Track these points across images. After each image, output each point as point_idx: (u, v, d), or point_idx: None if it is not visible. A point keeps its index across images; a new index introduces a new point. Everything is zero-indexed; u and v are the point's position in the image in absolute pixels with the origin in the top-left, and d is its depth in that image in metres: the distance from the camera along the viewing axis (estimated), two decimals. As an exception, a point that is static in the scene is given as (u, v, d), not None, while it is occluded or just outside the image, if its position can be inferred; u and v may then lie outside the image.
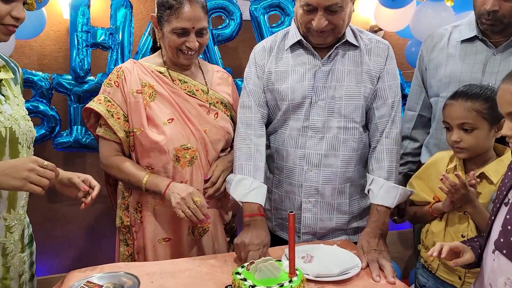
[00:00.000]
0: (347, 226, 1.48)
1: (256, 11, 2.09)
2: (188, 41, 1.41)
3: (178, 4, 1.38)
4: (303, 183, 1.43)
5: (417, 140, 1.73)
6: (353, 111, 1.40)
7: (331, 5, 1.28)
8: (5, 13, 1.04)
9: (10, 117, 1.10)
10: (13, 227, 1.13)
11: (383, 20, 2.32)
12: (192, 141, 1.46)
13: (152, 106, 1.45)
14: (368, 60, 1.41)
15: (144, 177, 1.43)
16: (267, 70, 1.45)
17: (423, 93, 1.69)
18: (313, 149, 1.40)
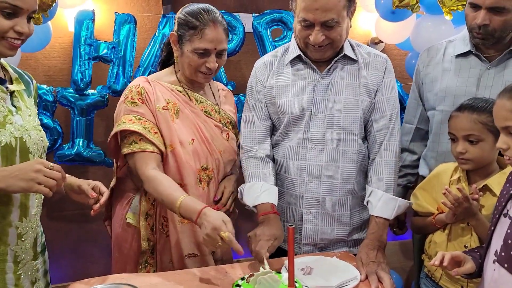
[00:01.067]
0: (348, 238, 1.49)
1: (259, 25, 2.13)
2: (208, 62, 1.41)
3: (202, 26, 1.38)
4: (304, 194, 1.45)
5: (415, 153, 1.75)
6: (352, 123, 1.42)
7: (328, 20, 1.31)
8: (8, 28, 1.05)
9: (20, 127, 1.12)
10: (24, 235, 1.14)
11: (384, 33, 2.35)
12: (209, 162, 1.47)
13: (177, 123, 1.43)
14: (365, 73, 1.44)
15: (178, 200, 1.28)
16: (268, 84, 1.48)
17: (420, 106, 1.71)
18: (313, 161, 1.43)
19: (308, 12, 1.31)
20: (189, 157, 1.43)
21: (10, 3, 1.03)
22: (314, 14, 1.30)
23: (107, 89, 1.96)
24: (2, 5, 1.03)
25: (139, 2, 2.28)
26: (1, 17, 1.04)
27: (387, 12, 2.10)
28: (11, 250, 1.11)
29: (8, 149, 1.06)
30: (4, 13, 1.04)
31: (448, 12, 1.97)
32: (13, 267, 1.12)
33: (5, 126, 1.07)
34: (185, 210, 1.28)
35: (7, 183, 1.00)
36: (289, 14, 2.17)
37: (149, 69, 1.96)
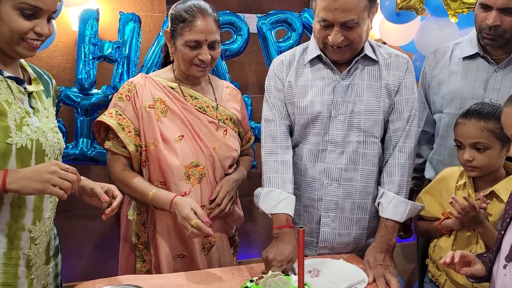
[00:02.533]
0: (365, 242, 1.47)
1: (264, 26, 2.12)
2: (201, 54, 1.41)
3: (191, 17, 1.39)
4: (323, 197, 1.43)
5: (421, 156, 1.74)
6: (373, 126, 1.40)
7: (347, 21, 1.29)
8: (28, 29, 1.04)
9: (37, 129, 1.10)
10: (38, 238, 1.12)
11: (388, 34, 2.35)
12: (201, 159, 1.46)
13: (163, 121, 1.44)
14: (386, 74, 1.42)
15: (149, 193, 1.39)
16: (287, 83, 1.46)
17: (427, 109, 1.70)
18: (333, 164, 1.41)
19: (327, 12, 1.30)
20: (173, 154, 1.42)
21: (31, 4, 1.02)
22: (333, 14, 1.29)
23: (111, 89, 1.95)
24: (22, 6, 1.02)
25: (143, 2, 2.27)
26: (21, 18, 1.03)
27: (392, 14, 2.10)
28: (24, 254, 1.10)
29: (23, 151, 1.05)
30: (25, 14, 1.03)
31: (453, 14, 1.97)
32: (25, 271, 1.11)
33: (21, 128, 1.06)
34: (157, 202, 1.38)
35: (21, 184, 0.99)
36: (294, 15, 2.16)
37: (153, 69, 1.94)
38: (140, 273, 1.50)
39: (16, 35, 1.04)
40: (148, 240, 1.50)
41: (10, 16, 1.02)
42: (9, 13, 1.01)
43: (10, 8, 1.01)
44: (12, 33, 1.03)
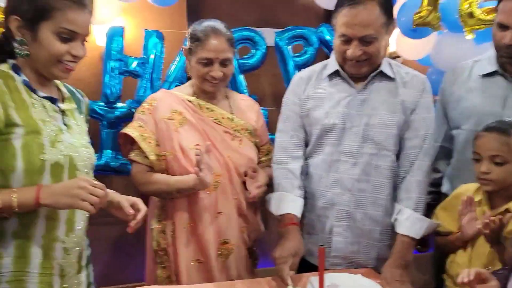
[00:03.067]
0: (377, 254, 1.49)
1: (281, 41, 2.17)
2: (212, 71, 1.50)
3: (204, 37, 1.48)
4: (335, 207, 1.46)
5: (439, 171, 1.75)
6: (386, 139, 1.44)
7: (366, 35, 1.35)
8: (65, 52, 1.09)
9: (70, 145, 1.15)
10: (70, 249, 1.17)
11: (404, 48, 2.37)
12: (215, 166, 1.52)
13: (180, 132, 1.52)
14: (403, 92, 1.45)
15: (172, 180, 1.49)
16: (304, 97, 1.52)
17: (445, 125, 1.72)
18: (346, 174, 1.44)
19: (347, 28, 1.35)
20: (189, 163, 1.49)
21: (68, 28, 1.08)
22: (352, 29, 1.35)
23: (135, 103, 2.02)
24: (60, 31, 1.08)
25: (164, 19, 2.35)
26: (59, 41, 1.08)
27: (408, 30, 2.12)
28: (58, 264, 1.15)
29: (57, 167, 1.11)
30: (62, 37, 1.08)
31: (470, 31, 1.98)
32: (59, 281, 1.16)
33: (55, 144, 1.11)
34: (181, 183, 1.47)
35: (53, 199, 1.05)
36: (310, 30, 2.21)
37: (175, 83, 2.02)
38: (160, 279, 1.56)
39: (54, 57, 1.09)
40: (167, 247, 1.56)
41: (48, 40, 1.08)
42: (48, 37, 1.08)
43: (49, 33, 1.08)
44: (50, 56, 1.09)
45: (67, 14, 1.08)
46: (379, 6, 1.34)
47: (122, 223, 1.28)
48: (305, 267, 1.45)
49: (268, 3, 2.52)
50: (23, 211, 1.06)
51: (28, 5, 1.06)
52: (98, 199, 1.06)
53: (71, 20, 1.08)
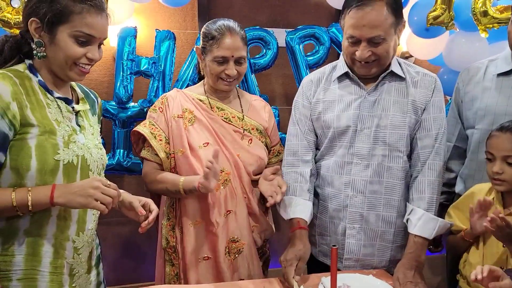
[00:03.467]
0: (390, 256, 1.49)
1: (292, 41, 2.17)
2: (227, 69, 1.50)
3: (219, 35, 1.48)
4: (348, 209, 1.46)
5: (452, 171, 1.74)
6: (398, 140, 1.43)
7: (374, 37, 1.33)
8: (81, 55, 1.11)
9: (83, 146, 1.18)
10: (80, 248, 1.19)
11: (416, 48, 2.35)
12: (225, 164, 1.53)
13: (190, 130, 1.54)
14: (414, 91, 1.44)
15: (180, 180, 1.49)
16: (314, 100, 1.52)
17: (459, 124, 1.71)
18: (358, 176, 1.44)
19: (355, 29, 1.34)
20: (198, 160, 1.51)
21: (85, 32, 1.10)
22: (360, 31, 1.34)
23: (147, 102, 2.04)
24: (78, 34, 1.10)
25: (176, 19, 2.37)
26: (76, 44, 1.11)
27: (421, 29, 2.11)
28: (68, 263, 1.17)
29: (70, 167, 1.13)
30: (79, 41, 1.11)
31: (484, 30, 1.96)
32: (68, 279, 1.18)
33: (68, 145, 1.13)
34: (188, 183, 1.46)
35: (67, 198, 1.06)
36: (322, 30, 2.20)
37: (187, 83, 2.03)
38: (169, 277, 1.58)
39: (70, 60, 1.12)
40: (176, 244, 1.57)
41: (65, 43, 1.10)
42: (65, 40, 1.10)
43: (66, 36, 1.10)
44: (66, 58, 1.11)
45: (85, 18, 1.09)
46: (387, 6, 1.33)
47: (133, 222, 1.30)
48: (319, 268, 1.46)
49: (279, 3, 2.52)
50: (37, 210, 1.08)
51: (47, 9, 1.08)
52: (111, 199, 1.07)
53: (89, 24, 1.10)
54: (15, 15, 1.67)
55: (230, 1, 2.45)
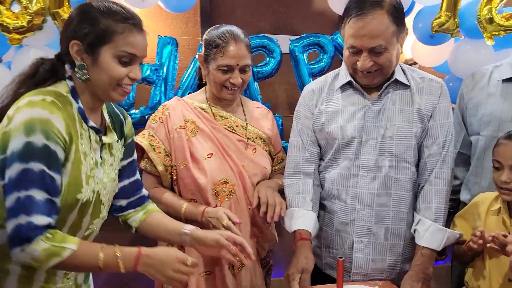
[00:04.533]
0: (400, 269, 1.45)
1: (296, 49, 2.15)
2: (232, 78, 1.47)
3: (224, 43, 1.45)
4: (355, 222, 1.42)
5: (457, 178, 1.71)
6: (405, 151, 1.39)
7: (375, 46, 1.30)
8: (124, 75, 1.09)
9: (99, 181, 1.14)
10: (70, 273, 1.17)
11: (420, 55, 2.34)
12: (230, 176, 1.50)
13: (193, 142, 1.50)
14: (419, 99, 1.40)
15: (182, 206, 1.47)
16: (317, 110, 1.48)
17: (463, 131, 1.68)
18: (365, 189, 1.40)
19: (355, 39, 1.31)
20: (202, 173, 1.47)
21: (128, 52, 1.08)
22: (361, 41, 1.30)
23: (149, 109, 2.01)
24: (121, 54, 1.07)
25: (178, 25, 2.35)
26: (119, 65, 1.08)
27: (426, 36, 2.09)
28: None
29: (86, 203, 1.10)
30: (122, 61, 1.08)
31: (489, 37, 1.94)
32: None
33: (88, 181, 1.10)
34: (189, 213, 1.46)
35: (148, 273, 1.08)
36: (326, 38, 2.18)
37: (188, 90, 2.00)
38: None
39: (114, 81, 1.09)
40: None
41: (109, 64, 1.07)
42: (108, 61, 1.07)
43: (109, 57, 1.07)
44: (110, 79, 1.08)
45: (128, 37, 1.07)
46: (388, 14, 1.29)
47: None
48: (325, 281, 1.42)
49: (283, 10, 2.51)
50: None
51: (90, 30, 1.06)
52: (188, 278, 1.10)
53: (131, 43, 1.08)
54: (14, 20, 1.65)
55: (232, 8, 2.44)
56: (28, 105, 0.98)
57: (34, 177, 0.96)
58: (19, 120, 0.97)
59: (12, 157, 0.96)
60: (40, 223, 0.97)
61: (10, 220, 0.97)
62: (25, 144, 0.96)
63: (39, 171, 0.96)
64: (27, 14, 1.65)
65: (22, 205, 0.96)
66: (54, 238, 0.99)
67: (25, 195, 0.96)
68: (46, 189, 0.98)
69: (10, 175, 0.96)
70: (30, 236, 0.96)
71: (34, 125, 0.96)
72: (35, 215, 0.96)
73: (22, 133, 0.96)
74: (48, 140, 0.97)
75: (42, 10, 1.67)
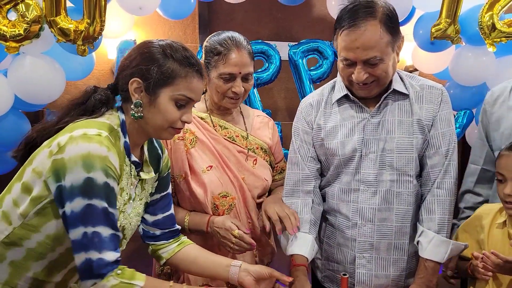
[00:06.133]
0: (404, 283, 1.41)
1: (295, 55, 2.13)
2: (234, 86, 1.42)
3: (226, 51, 1.40)
4: (357, 238, 1.38)
5: (480, 195, 1.65)
6: (406, 164, 1.35)
7: (369, 58, 1.24)
8: (178, 118, 1.10)
9: (127, 216, 1.14)
10: None
11: (421, 62, 2.32)
12: (230, 189, 1.46)
13: (192, 153, 1.45)
14: (418, 109, 1.36)
15: (185, 218, 1.44)
16: (315, 125, 1.44)
17: (486, 147, 1.63)
18: (366, 204, 1.37)
19: (348, 52, 1.26)
20: (201, 186, 1.44)
21: (187, 96, 1.09)
22: (354, 53, 1.25)
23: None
24: (179, 98, 1.09)
25: (176, 32, 2.34)
26: (175, 107, 1.09)
27: (426, 43, 2.07)
28: None
29: None
30: (178, 104, 1.09)
31: (491, 44, 1.92)
32: None
33: (119, 216, 1.10)
34: (193, 224, 1.43)
35: None
36: (325, 44, 2.17)
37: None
38: None
39: (168, 123, 1.09)
40: (171, 271, 1.49)
41: (165, 106, 1.08)
42: (166, 102, 1.07)
43: (167, 99, 1.07)
44: (164, 121, 1.09)
45: (189, 82, 1.09)
46: (381, 24, 1.23)
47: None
48: None
49: (282, 16, 2.49)
50: None
51: (156, 70, 1.06)
52: None
53: (191, 88, 1.09)
54: (11, 28, 1.62)
55: (231, 14, 2.43)
56: (84, 139, 0.99)
57: (98, 214, 0.98)
58: (75, 152, 0.97)
59: (73, 191, 0.97)
60: (111, 259, 1.00)
61: (79, 253, 0.99)
62: (87, 180, 0.97)
63: (102, 208, 0.99)
64: (24, 22, 1.63)
65: (91, 240, 0.98)
66: (124, 275, 1.02)
67: (92, 231, 0.98)
68: (110, 224, 1.00)
69: (73, 209, 0.97)
70: (103, 273, 0.99)
71: (94, 161, 0.97)
72: (104, 251, 0.99)
73: (81, 168, 0.96)
74: (108, 178, 0.99)
75: (39, 18, 1.64)
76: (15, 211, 1.03)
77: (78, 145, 0.97)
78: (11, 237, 1.04)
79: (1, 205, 1.06)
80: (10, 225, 1.04)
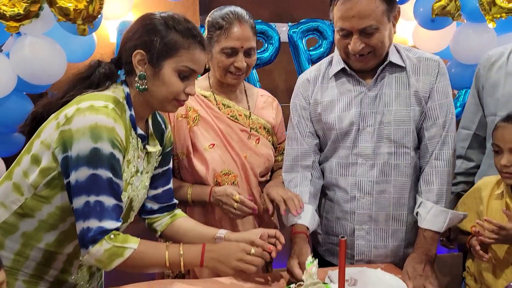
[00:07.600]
0: (403, 253, 1.42)
1: (295, 35, 2.13)
2: (236, 61, 1.41)
3: (228, 24, 1.39)
4: (356, 211, 1.39)
5: (472, 160, 1.66)
6: (404, 136, 1.36)
7: (365, 27, 1.24)
8: (181, 90, 1.11)
9: (135, 188, 1.16)
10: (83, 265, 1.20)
11: (422, 41, 2.31)
12: (232, 167, 1.47)
13: (194, 131, 1.46)
14: (415, 80, 1.36)
15: (188, 190, 1.46)
16: (313, 101, 1.44)
17: (480, 112, 1.62)
18: (364, 177, 1.37)
19: (344, 21, 1.26)
20: (203, 163, 1.45)
21: (190, 67, 1.10)
22: (350, 22, 1.25)
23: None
24: (182, 69, 1.09)
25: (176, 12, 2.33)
26: (178, 79, 1.10)
27: (427, 20, 2.07)
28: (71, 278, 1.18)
29: None
30: (181, 75, 1.10)
31: (491, 19, 1.91)
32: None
33: (127, 188, 1.12)
34: (196, 195, 1.45)
35: (214, 266, 1.12)
36: (325, 23, 2.17)
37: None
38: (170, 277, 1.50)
39: (172, 95, 1.11)
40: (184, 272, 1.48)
41: (169, 77, 1.09)
42: (169, 74, 1.08)
43: (171, 71, 1.08)
44: (169, 93, 1.10)
45: (192, 53, 1.09)
46: None
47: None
48: (325, 267, 1.40)
49: (282, -3, 2.49)
50: None
51: (159, 42, 1.07)
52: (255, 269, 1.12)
53: (194, 59, 1.10)
54: (11, 7, 1.64)
55: (232, -4, 2.42)
56: (91, 110, 1.00)
57: (102, 183, 1.00)
58: (83, 124, 0.99)
59: (79, 161, 0.98)
60: (110, 227, 1.02)
61: (78, 221, 1.01)
62: (93, 149, 0.98)
63: (107, 178, 1.00)
64: (23, 1, 1.64)
65: (93, 209, 1.00)
66: (116, 239, 1.03)
67: (95, 200, 1.00)
68: (114, 194, 1.02)
69: (78, 178, 0.99)
70: (97, 238, 1.00)
71: (101, 132, 0.99)
72: (105, 220, 1.01)
73: (88, 138, 0.98)
74: (114, 149, 1.01)
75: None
76: (25, 182, 1.06)
77: (85, 117, 0.99)
78: (23, 207, 1.06)
79: (11, 177, 1.08)
80: (22, 196, 1.06)
